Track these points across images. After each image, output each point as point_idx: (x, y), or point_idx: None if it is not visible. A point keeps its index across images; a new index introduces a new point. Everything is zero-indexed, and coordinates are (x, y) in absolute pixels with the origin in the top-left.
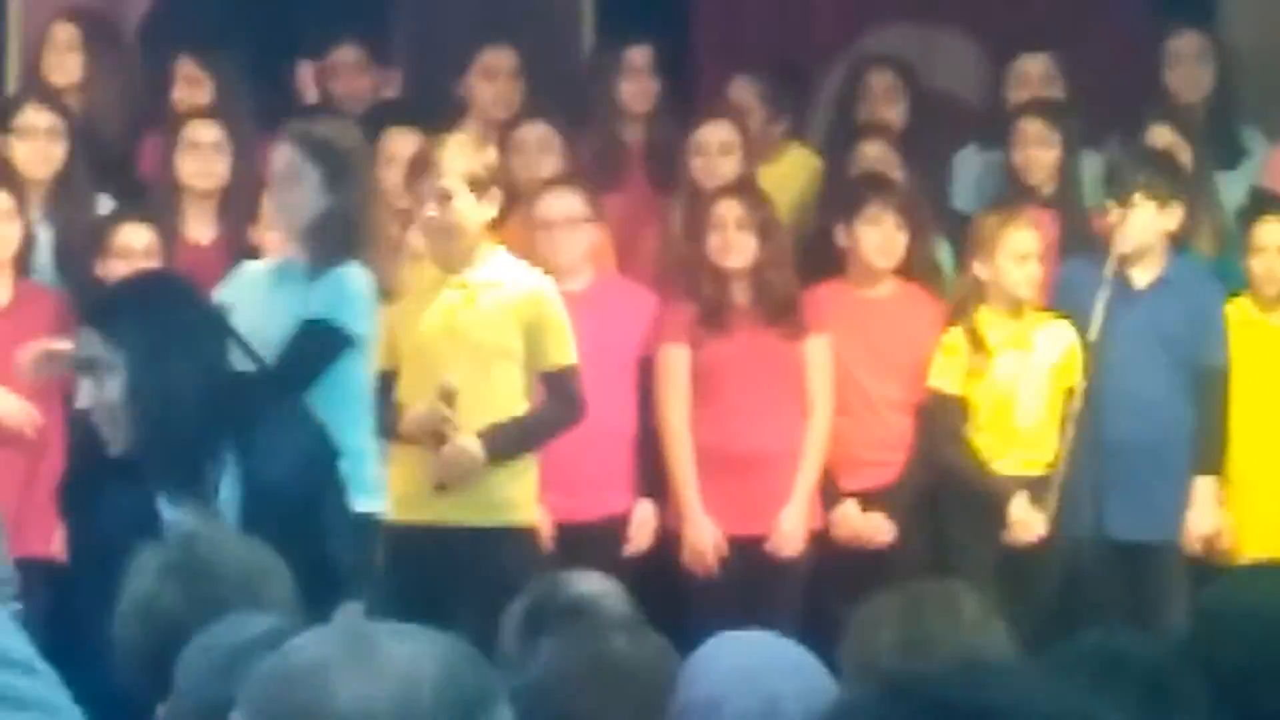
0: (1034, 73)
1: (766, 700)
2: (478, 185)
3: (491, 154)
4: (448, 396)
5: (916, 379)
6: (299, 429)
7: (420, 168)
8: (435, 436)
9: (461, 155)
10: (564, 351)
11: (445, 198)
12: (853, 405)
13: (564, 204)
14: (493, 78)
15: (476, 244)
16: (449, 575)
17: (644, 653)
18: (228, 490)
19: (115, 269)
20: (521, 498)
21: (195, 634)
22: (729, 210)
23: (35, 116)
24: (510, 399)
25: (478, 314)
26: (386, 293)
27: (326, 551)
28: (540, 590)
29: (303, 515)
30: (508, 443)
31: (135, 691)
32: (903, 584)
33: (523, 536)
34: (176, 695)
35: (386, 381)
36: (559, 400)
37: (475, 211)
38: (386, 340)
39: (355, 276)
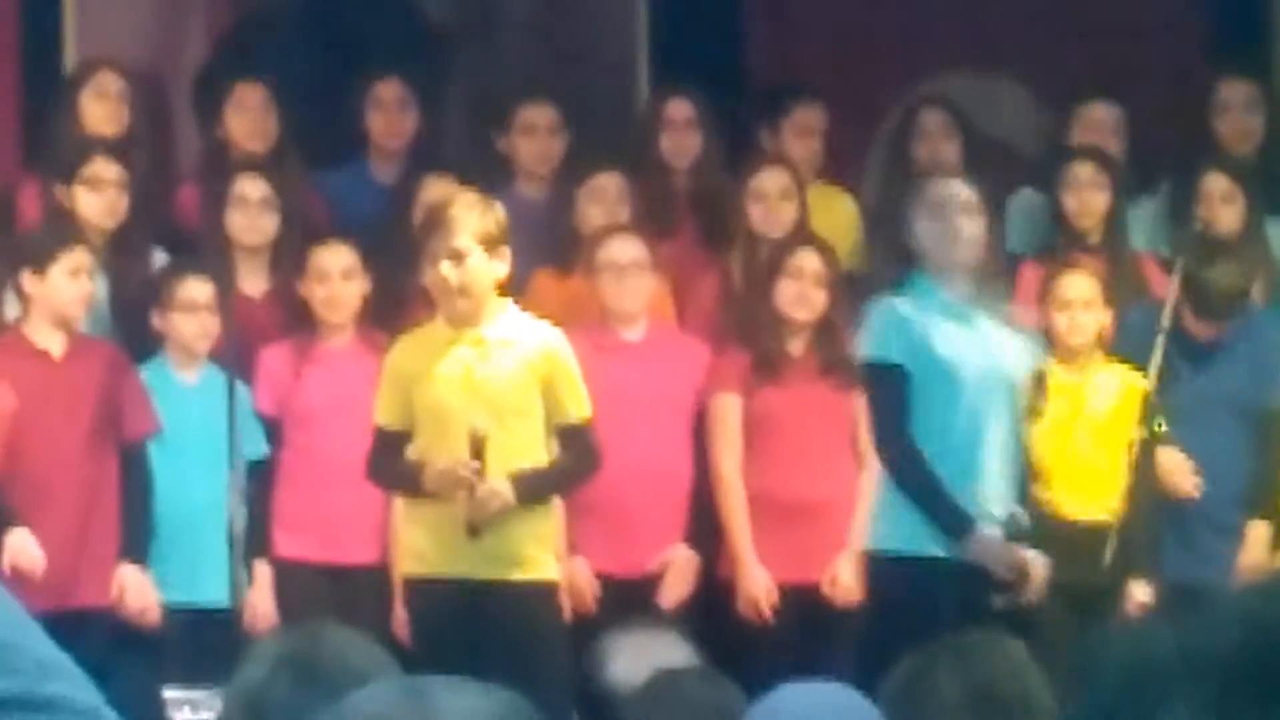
0: (1100, 119)
1: None
2: (490, 243)
3: (501, 212)
4: (477, 444)
5: None
6: None
7: (432, 226)
8: (460, 486)
9: (473, 214)
10: (580, 405)
11: (459, 257)
12: None
13: (631, 249)
14: (532, 134)
15: (488, 301)
16: (472, 629)
17: (715, 696)
18: None
19: (176, 322)
20: (545, 554)
21: None
22: (808, 261)
23: (104, 168)
24: (530, 453)
25: (495, 370)
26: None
27: None
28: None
29: None
30: (536, 487)
31: None
32: (946, 636)
33: (546, 592)
34: None
35: (396, 441)
36: (578, 453)
37: (488, 270)
38: (396, 399)
39: None
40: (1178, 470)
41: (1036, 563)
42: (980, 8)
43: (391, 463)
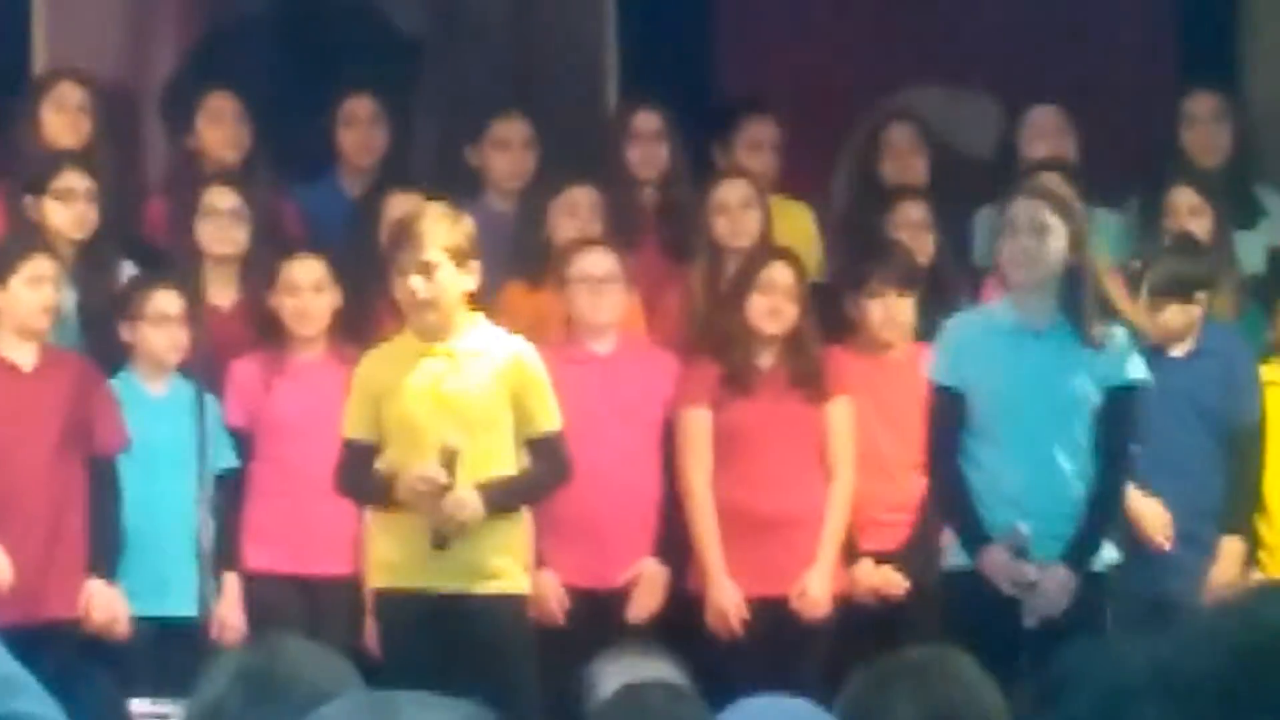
0: (1045, 124)
1: None
2: (459, 256)
3: (469, 224)
4: (449, 458)
5: None
6: None
7: (401, 239)
8: (429, 497)
9: (442, 227)
10: (550, 417)
11: (428, 270)
12: (867, 468)
13: (606, 262)
14: (506, 148)
15: (457, 314)
16: (442, 641)
17: (680, 711)
18: None
19: (146, 334)
20: (513, 566)
21: None
22: (779, 275)
23: (74, 179)
24: (500, 465)
25: (464, 383)
26: None
27: None
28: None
29: None
30: (504, 496)
31: None
32: (900, 651)
33: (515, 604)
34: None
35: (365, 453)
36: (549, 464)
37: (457, 283)
38: (366, 411)
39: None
40: (1152, 520)
41: (1052, 578)
42: (946, 21)
43: (361, 475)
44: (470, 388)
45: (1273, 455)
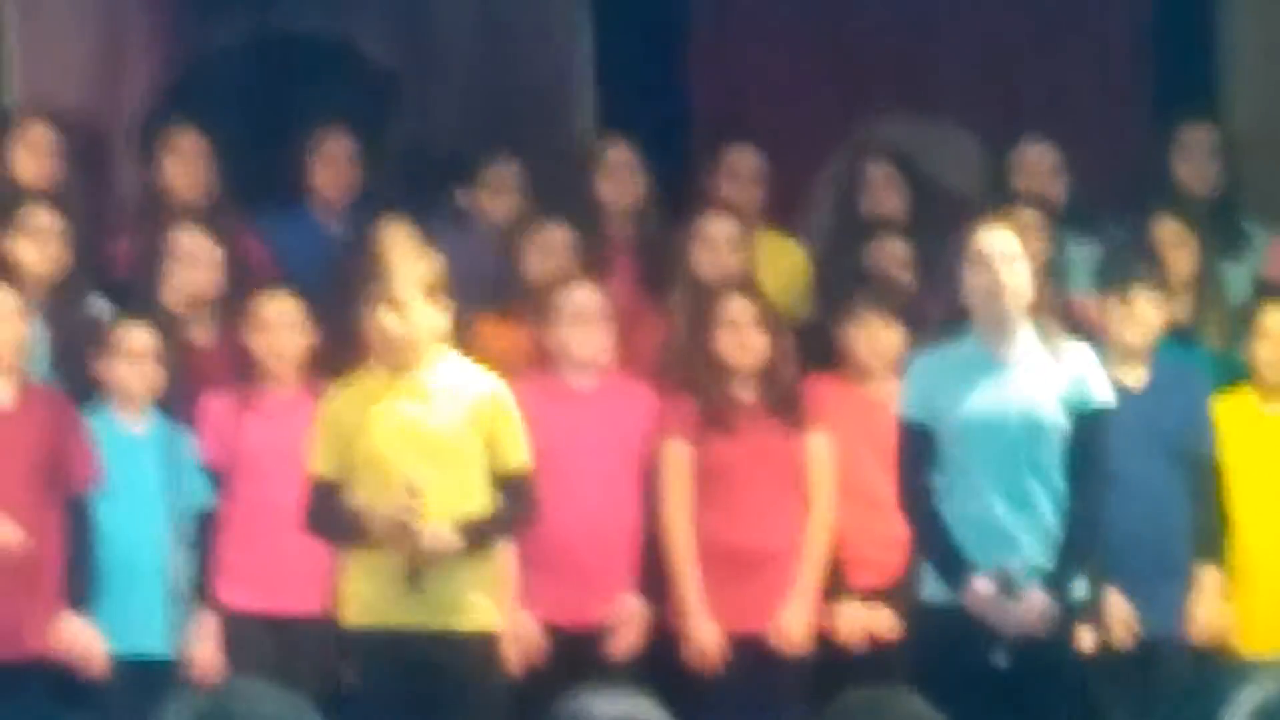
0: (1037, 161)
1: None
2: (430, 292)
3: (440, 260)
4: (413, 494)
5: None
6: None
7: (372, 274)
8: (404, 534)
9: (413, 262)
10: (520, 454)
11: (400, 307)
12: (857, 503)
13: (593, 298)
14: (500, 192)
15: (429, 349)
16: (415, 679)
17: None
18: None
19: (118, 370)
20: (487, 602)
21: None
22: (742, 309)
23: (41, 217)
24: (472, 502)
25: (435, 418)
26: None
27: None
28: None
29: None
30: (479, 533)
31: None
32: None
33: (488, 641)
34: None
35: (334, 491)
36: (518, 502)
37: (429, 318)
38: (334, 448)
39: None
40: (1119, 619)
41: (1029, 603)
42: (919, 52)
43: (331, 514)
44: (441, 424)
45: (1246, 484)
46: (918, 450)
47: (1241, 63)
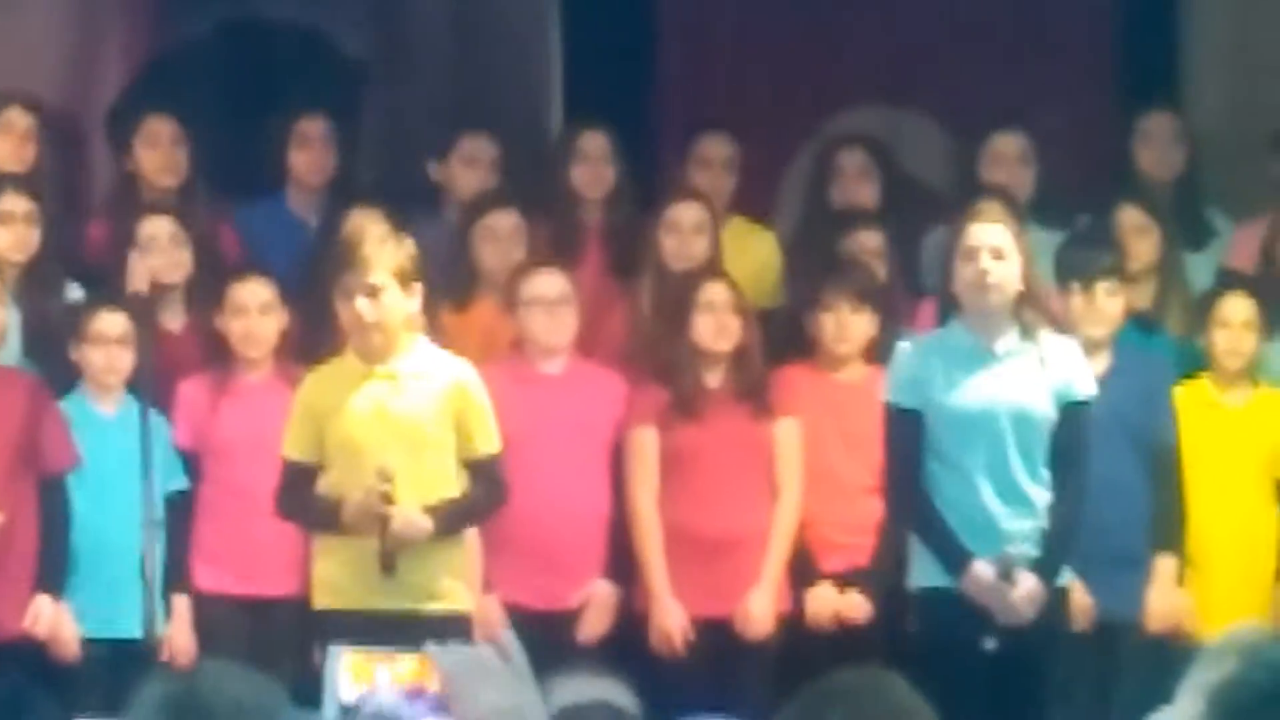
0: (1008, 152)
1: None
2: (403, 278)
3: (412, 246)
4: (385, 477)
5: None
6: None
7: (345, 262)
8: (376, 520)
9: (386, 249)
10: (490, 439)
11: (374, 293)
12: (824, 488)
13: (559, 284)
14: (473, 165)
15: (401, 335)
16: None
17: None
18: None
19: (91, 356)
20: (458, 586)
21: None
22: (718, 294)
23: (14, 202)
24: (442, 487)
25: (407, 403)
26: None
27: None
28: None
29: None
30: (452, 518)
31: None
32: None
33: (460, 622)
34: None
35: (306, 475)
36: (487, 486)
37: (402, 304)
38: (308, 432)
39: None
40: (1079, 605)
41: (1022, 587)
42: (888, 42)
43: (303, 497)
44: (413, 409)
45: (1203, 472)
46: (909, 436)
47: (1206, 52)
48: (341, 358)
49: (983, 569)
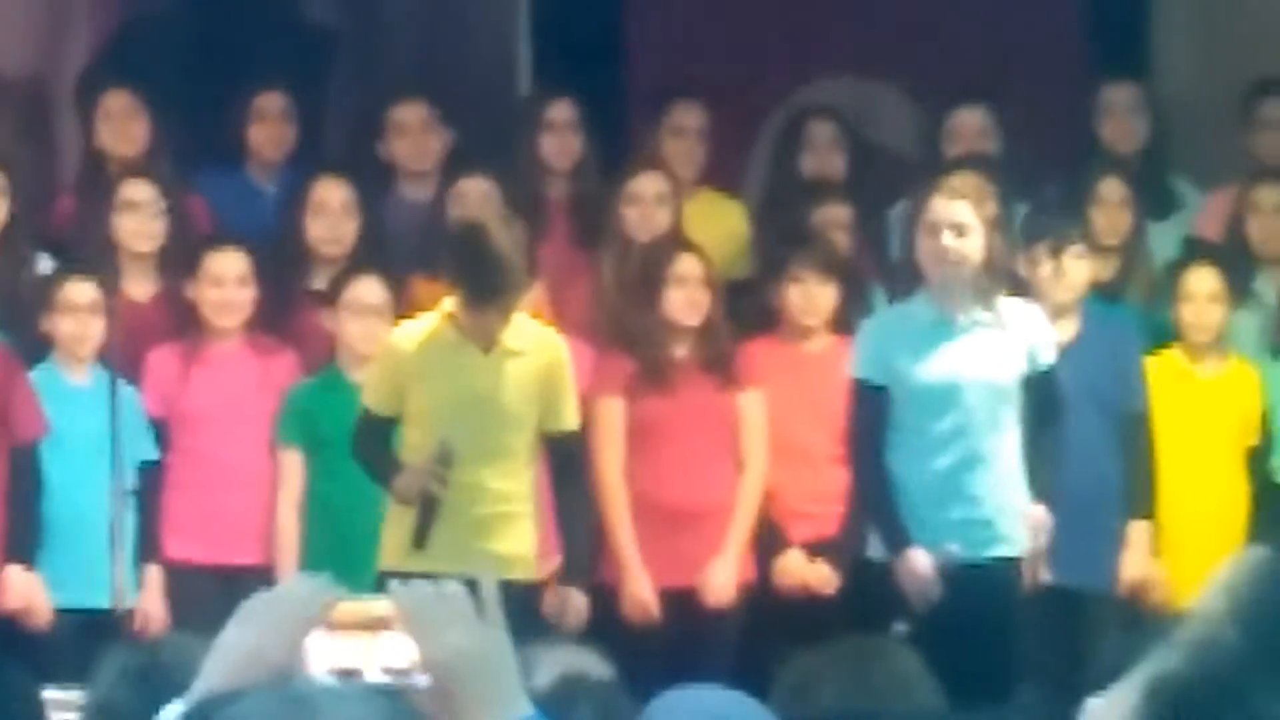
0: (970, 126)
1: None
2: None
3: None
4: (445, 458)
5: None
6: None
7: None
8: (421, 497)
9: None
10: (573, 416)
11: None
12: (791, 459)
13: None
14: (405, 133)
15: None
16: None
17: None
18: None
19: (60, 325)
20: (518, 553)
21: None
22: (690, 267)
23: None
24: (515, 462)
25: (501, 381)
26: None
27: None
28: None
29: None
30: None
31: None
32: (836, 640)
33: (518, 591)
34: None
35: (381, 426)
36: (567, 466)
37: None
38: (389, 387)
39: None
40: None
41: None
42: (857, 13)
43: (371, 448)
44: (502, 388)
45: (1176, 443)
46: (873, 410)
47: (1176, 20)
48: (438, 321)
49: (919, 557)
